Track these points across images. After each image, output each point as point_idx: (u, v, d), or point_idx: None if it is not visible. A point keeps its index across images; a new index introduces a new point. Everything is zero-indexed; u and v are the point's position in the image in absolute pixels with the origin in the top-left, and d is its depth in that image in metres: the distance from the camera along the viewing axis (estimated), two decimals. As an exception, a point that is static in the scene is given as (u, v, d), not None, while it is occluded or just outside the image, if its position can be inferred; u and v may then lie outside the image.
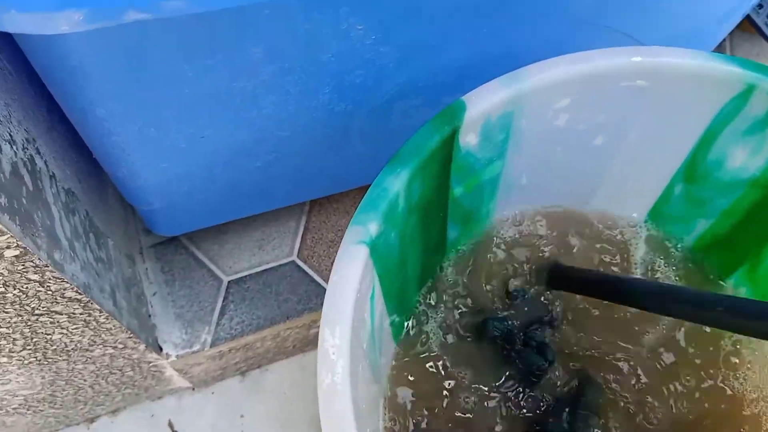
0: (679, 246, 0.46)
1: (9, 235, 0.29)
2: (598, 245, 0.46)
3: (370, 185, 0.32)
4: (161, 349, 0.49)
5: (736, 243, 0.43)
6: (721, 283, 0.45)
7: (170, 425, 0.55)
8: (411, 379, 0.41)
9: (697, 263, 0.45)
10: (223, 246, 0.53)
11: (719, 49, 0.65)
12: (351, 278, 0.30)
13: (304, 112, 0.37)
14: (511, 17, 0.37)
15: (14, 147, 0.34)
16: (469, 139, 0.35)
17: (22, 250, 0.31)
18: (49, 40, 0.28)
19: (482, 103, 0.34)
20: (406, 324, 0.42)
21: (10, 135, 0.34)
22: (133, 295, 0.47)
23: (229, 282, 0.51)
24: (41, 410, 0.50)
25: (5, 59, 0.38)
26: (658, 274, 0.45)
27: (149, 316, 0.50)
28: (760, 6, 0.65)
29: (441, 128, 0.34)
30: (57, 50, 0.28)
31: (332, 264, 0.52)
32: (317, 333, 0.55)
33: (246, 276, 0.52)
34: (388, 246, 0.34)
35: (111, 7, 0.24)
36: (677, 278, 0.45)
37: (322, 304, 0.51)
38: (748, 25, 0.66)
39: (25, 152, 0.36)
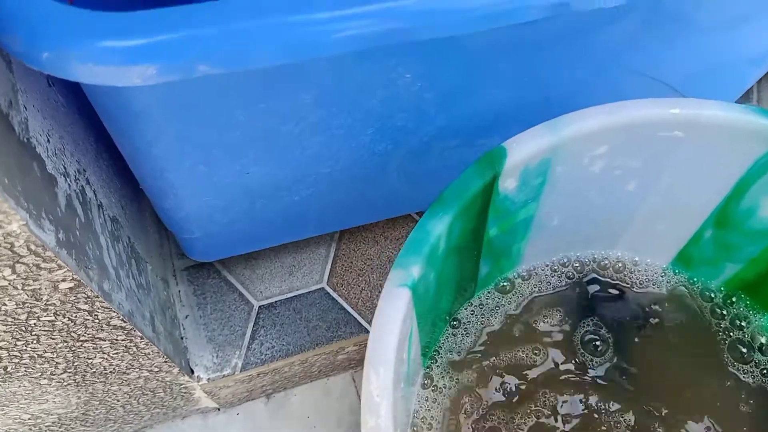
0: (704, 289, 0.47)
1: (66, 269, 0.31)
2: (624, 286, 0.47)
3: (398, 216, 0.33)
4: (192, 372, 0.50)
5: (763, 289, 0.44)
6: (744, 330, 0.45)
7: (195, 445, 0.56)
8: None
9: (722, 308, 0.46)
10: (254, 271, 0.54)
11: (746, 95, 0.65)
12: (394, 321, 0.31)
13: (346, 151, 0.39)
14: (547, 67, 0.38)
15: (68, 180, 0.35)
16: (507, 184, 0.36)
17: (76, 282, 0.32)
18: (115, 87, 0.29)
19: (522, 150, 0.35)
20: (432, 356, 0.43)
21: (65, 167, 0.35)
22: (168, 318, 0.48)
23: (259, 307, 0.52)
24: (73, 428, 0.51)
25: (58, 92, 0.39)
26: (685, 317, 0.46)
27: (181, 338, 0.51)
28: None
29: (482, 174, 0.35)
30: (121, 95, 0.30)
31: (362, 293, 0.53)
32: (343, 359, 0.56)
33: (276, 301, 0.53)
34: (426, 286, 0.35)
35: (182, 63, 0.25)
36: (702, 321, 0.46)
37: (350, 332, 0.53)
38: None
39: (77, 183, 0.37)
